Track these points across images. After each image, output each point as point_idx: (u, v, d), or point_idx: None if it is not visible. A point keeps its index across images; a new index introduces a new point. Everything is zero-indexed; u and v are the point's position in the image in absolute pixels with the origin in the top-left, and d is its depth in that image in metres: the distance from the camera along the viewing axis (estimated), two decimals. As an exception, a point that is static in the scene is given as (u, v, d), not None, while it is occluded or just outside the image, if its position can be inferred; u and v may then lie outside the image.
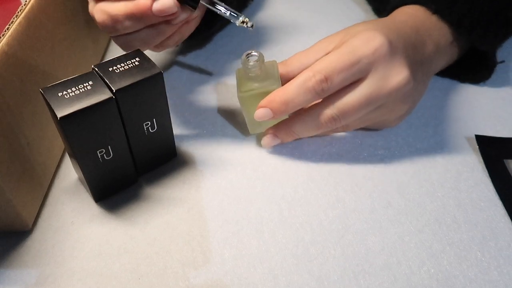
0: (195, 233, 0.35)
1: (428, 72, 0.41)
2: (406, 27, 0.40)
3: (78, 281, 0.32)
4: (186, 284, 0.32)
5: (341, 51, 0.35)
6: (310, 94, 0.35)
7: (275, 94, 0.36)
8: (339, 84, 0.35)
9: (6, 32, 0.33)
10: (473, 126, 0.44)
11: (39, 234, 0.35)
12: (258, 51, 0.37)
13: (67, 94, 0.31)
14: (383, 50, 0.35)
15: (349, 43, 0.36)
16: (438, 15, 0.42)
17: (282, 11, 0.60)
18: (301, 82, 0.35)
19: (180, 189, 0.38)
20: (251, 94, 0.37)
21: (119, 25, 0.35)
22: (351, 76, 0.35)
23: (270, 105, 0.36)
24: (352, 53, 0.35)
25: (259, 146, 0.42)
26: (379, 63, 0.35)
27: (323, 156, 0.41)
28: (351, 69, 0.35)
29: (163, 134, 0.38)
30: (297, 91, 0.35)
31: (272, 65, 0.38)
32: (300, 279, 0.32)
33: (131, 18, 0.35)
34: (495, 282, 0.32)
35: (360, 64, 0.35)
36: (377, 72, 0.35)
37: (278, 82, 0.37)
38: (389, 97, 0.36)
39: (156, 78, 0.34)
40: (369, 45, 0.35)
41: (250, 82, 0.37)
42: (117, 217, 0.36)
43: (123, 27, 0.36)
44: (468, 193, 0.38)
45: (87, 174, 0.35)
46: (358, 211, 0.37)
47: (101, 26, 0.36)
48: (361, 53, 0.35)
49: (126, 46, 0.38)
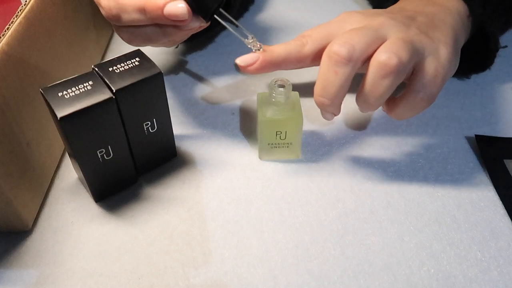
0: (195, 233, 0.35)
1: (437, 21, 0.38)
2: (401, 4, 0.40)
3: (78, 281, 0.32)
4: (186, 284, 0.32)
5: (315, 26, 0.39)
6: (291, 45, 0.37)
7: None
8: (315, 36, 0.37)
9: (6, 32, 0.33)
10: (473, 126, 0.44)
11: (39, 234, 0.35)
12: (286, 79, 0.37)
13: (67, 94, 0.31)
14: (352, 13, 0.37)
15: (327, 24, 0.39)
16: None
17: (282, 11, 0.60)
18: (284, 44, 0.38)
19: (180, 189, 0.38)
20: (274, 120, 0.37)
21: (126, 16, 0.34)
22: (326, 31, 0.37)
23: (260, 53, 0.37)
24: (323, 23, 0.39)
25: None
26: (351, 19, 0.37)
27: (323, 156, 0.41)
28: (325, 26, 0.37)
29: (163, 134, 0.38)
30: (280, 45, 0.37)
31: (295, 95, 0.39)
32: (300, 279, 0.32)
33: (140, 12, 0.34)
34: (495, 282, 0.32)
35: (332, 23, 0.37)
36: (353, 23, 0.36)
37: (301, 113, 0.37)
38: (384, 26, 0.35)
39: (156, 78, 0.34)
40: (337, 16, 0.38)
41: (274, 108, 0.37)
42: (117, 217, 0.36)
43: (129, 19, 0.34)
44: (468, 193, 0.38)
45: (87, 174, 0.35)
46: (358, 211, 0.37)
47: (106, 13, 0.35)
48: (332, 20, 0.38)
49: (128, 40, 0.37)
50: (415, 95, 0.34)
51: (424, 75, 0.34)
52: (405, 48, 0.32)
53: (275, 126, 0.38)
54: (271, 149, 0.40)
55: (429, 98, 0.34)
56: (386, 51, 0.32)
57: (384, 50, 0.32)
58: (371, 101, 0.34)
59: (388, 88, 0.33)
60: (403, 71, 0.32)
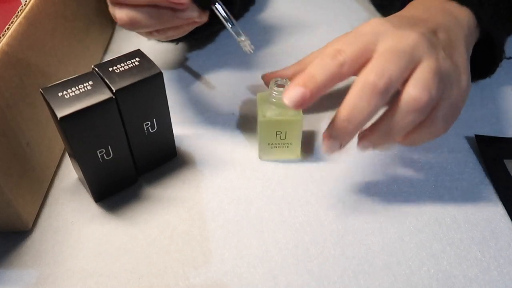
0: (195, 233, 0.35)
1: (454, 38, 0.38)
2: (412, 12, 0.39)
3: (78, 281, 0.32)
4: (186, 284, 0.32)
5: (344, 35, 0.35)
6: (331, 66, 0.33)
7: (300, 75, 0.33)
8: (352, 54, 0.33)
9: (6, 32, 0.33)
10: (473, 126, 0.44)
11: (39, 234, 0.35)
12: (286, 79, 0.37)
13: (67, 94, 0.31)
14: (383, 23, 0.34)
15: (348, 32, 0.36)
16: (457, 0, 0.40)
17: (282, 12, 0.60)
18: (319, 58, 0.33)
19: (180, 189, 0.38)
20: (273, 120, 0.37)
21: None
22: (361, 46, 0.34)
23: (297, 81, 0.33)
24: (353, 32, 0.35)
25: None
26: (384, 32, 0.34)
27: (323, 156, 0.41)
28: (358, 39, 0.34)
29: (163, 134, 0.38)
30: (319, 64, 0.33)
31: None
32: (300, 279, 0.32)
33: None
34: (495, 282, 0.32)
35: (364, 35, 0.34)
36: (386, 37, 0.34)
37: (301, 113, 0.37)
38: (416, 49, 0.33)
39: (156, 78, 0.34)
40: (366, 24, 0.35)
41: (274, 108, 0.37)
42: (117, 217, 0.36)
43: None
44: (468, 193, 0.38)
45: (87, 174, 0.35)
46: (358, 211, 0.37)
47: None
48: (362, 28, 0.34)
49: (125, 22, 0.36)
50: (436, 124, 0.34)
51: (447, 105, 0.34)
52: (436, 82, 0.32)
53: (275, 126, 0.38)
54: (271, 149, 0.40)
55: (448, 126, 0.35)
56: (418, 86, 0.32)
57: (417, 85, 0.32)
58: (395, 133, 0.34)
59: (414, 121, 0.33)
60: (432, 106, 0.33)
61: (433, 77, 0.32)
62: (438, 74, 0.33)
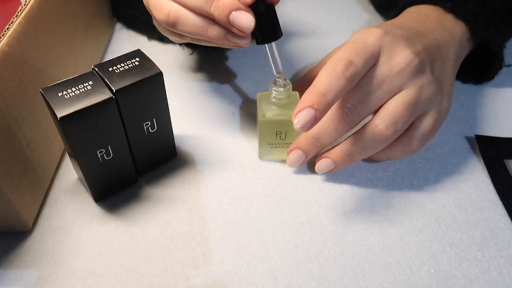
0: (195, 233, 0.35)
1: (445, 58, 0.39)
2: (409, 21, 0.39)
3: (78, 281, 0.32)
4: (186, 284, 0.32)
5: (348, 43, 0.35)
6: (342, 80, 0.32)
7: (310, 91, 0.33)
8: (362, 67, 0.33)
9: (6, 32, 0.33)
10: (473, 126, 0.44)
11: (39, 234, 0.35)
12: (286, 79, 0.37)
13: (67, 94, 0.31)
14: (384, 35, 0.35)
15: (351, 39, 0.35)
16: (453, 13, 0.41)
17: (282, 11, 0.60)
18: (329, 71, 0.33)
19: (180, 189, 0.38)
20: (273, 120, 0.37)
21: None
22: (369, 58, 0.34)
23: (309, 99, 0.32)
24: (358, 42, 0.34)
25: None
26: (385, 46, 0.34)
27: (323, 156, 0.41)
28: (365, 51, 0.34)
29: (163, 134, 0.38)
30: (329, 78, 0.32)
31: (295, 95, 0.38)
32: (300, 279, 0.32)
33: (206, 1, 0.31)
34: (495, 282, 0.32)
35: (369, 46, 0.34)
36: (384, 54, 0.35)
37: None
38: (401, 75, 0.34)
39: (156, 78, 0.34)
40: (367, 34, 0.35)
41: (274, 108, 0.37)
42: (117, 217, 0.36)
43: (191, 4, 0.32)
44: (468, 193, 0.38)
45: (87, 174, 0.35)
46: (358, 211, 0.37)
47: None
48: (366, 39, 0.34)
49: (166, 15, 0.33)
50: (410, 142, 0.36)
51: (422, 127, 0.36)
52: (405, 115, 0.34)
53: (275, 126, 0.38)
54: (271, 149, 0.40)
55: (421, 146, 0.37)
56: (385, 119, 0.34)
57: (384, 118, 0.34)
58: (356, 156, 0.36)
59: (376, 149, 0.35)
60: (395, 137, 0.35)
61: (404, 111, 0.34)
62: (412, 106, 0.34)
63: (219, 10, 0.31)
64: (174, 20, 0.33)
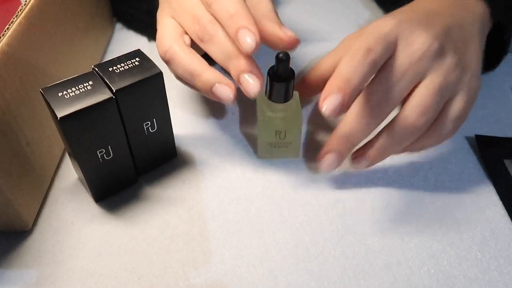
0: (195, 233, 0.35)
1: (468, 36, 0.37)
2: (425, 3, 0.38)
3: (78, 281, 0.32)
4: (186, 284, 0.32)
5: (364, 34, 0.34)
6: (364, 65, 0.32)
7: (333, 78, 0.32)
8: (381, 53, 0.33)
9: (6, 32, 0.33)
10: (473, 126, 0.44)
11: (39, 234, 0.35)
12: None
13: (67, 94, 0.31)
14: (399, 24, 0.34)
15: (366, 30, 0.34)
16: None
17: (281, 12, 0.60)
18: (349, 58, 0.32)
19: (180, 189, 0.38)
20: (273, 120, 0.37)
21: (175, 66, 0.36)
22: (387, 45, 0.33)
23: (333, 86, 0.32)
24: (373, 32, 0.34)
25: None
26: (401, 33, 0.34)
27: (323, 156, 0.41)
28: (383, 39, 0.33)
29: (163, 134, 0.38)
30: (351, 65, 0.32)
31: (295, 95, 0.38)
32: (300, 279, 0.32)
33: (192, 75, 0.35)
34: (495, 282, 0.32)
35: (386, 35, 0.33)
36: (402, 42, 0.34)
37: (300, 113, 0.37)
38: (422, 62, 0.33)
39: (156, 78, 0.34)
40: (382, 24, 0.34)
41: (273, 107, 0.37)
42: (117, 217, 0.36)
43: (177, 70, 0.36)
44: (468, 193, 0.38)
45: (87, 174, 0.35)
46: (358, 211, 0.37)
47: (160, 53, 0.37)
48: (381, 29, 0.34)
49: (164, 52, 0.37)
50: (445, 127, 0.35)
51: (453, 111, 0.34)
52: (435, 102, 0.33)
53: (275, 126, 0.38)
54: (271, 149, 0.40)
55: (456, 129, 0.35)
56: (415, 109, 0.33)
57: (414, 108, 0.33)
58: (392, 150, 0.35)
59: (410, 140, 0.34)
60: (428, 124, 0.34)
61: (432, 98, 0.33)
62: (440, 91, 0.33)
63: (203, 85, 0.34)
64: (168, 60, 0.35)
